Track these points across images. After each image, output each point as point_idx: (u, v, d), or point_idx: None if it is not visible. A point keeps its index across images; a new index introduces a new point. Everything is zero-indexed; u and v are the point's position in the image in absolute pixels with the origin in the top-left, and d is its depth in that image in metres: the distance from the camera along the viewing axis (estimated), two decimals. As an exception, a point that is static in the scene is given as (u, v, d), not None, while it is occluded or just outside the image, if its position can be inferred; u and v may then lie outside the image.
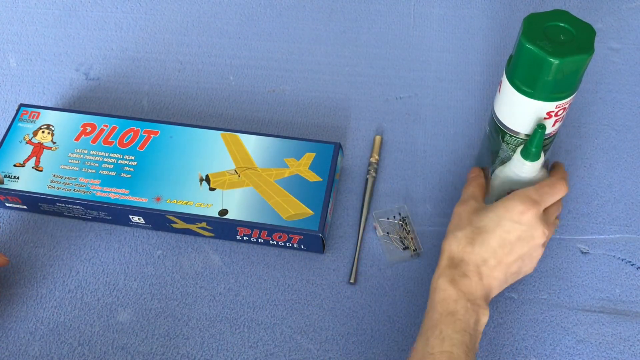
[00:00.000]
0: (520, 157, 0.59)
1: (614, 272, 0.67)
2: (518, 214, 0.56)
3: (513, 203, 0.56)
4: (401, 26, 0.88)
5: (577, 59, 0.52)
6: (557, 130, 0.61)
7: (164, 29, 0.88)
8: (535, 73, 0.54)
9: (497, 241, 0.56)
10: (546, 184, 0.58)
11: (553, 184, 0.58)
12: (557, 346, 0.63)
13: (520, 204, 0.56)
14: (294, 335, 0.64)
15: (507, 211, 0.56)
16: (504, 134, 0.61)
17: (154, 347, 0.64)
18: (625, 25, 0.87)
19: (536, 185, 0.58)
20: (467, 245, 0.57)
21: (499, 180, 0.63)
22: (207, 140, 0.71)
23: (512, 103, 0.58)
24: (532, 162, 0.59)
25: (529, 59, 0.54)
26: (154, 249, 0.70)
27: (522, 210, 0.56)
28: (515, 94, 0.57)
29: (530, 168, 0.60)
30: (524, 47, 0.54)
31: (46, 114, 0.74)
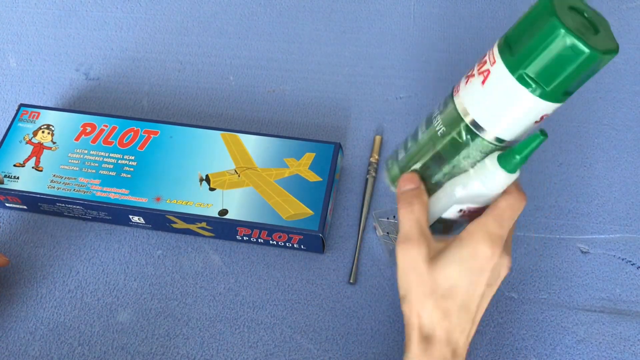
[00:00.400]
0: (499, 167, 0.46)
1: (614, 271, 0.67)
2: (486, 260, 0.46)
3: (479, 247, 0.46)
4: (401, 26, 0.88)
5: (612, 55, 0.41)
6: None
7: (164, 29, 0.88)
8: (562, 66, 0.41)
9: (473, 303, 0.47)
10: (506, 206, 0.47)
11: (512, 205, 0.47)
12: (557, 346, 0.63)
13: (487, 248, 0.45)
14: (294, 335, 0.64)
15: (474, 259, 0.46)
16: (473, 137, 0.46)
17: (154, 347, 0.64)
18: (625, 25, 0.87)
19: (494, 213, 0.46)
20: (442, 319, 0.47)
21: (458, 194, 0.48)
22: (207, 140, 0.71)
23: (507, 100, 0.44)
24: (511, 174, 0.46)
25: (557, 49, 0.41)
26: (154, 249, 0.70)
27: (489, 255, 0.46)
28: (518, 90, 0.43)
29: (507, 181, 0.46)
30: (555, 31, 0.40)
31: (46, 114, 0.74)
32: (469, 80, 0.46)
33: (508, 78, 0.43)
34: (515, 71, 0.43)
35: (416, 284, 0.47)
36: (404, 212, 0.49)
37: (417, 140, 0.50)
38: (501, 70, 0.43)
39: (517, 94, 0.43)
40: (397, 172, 0.52)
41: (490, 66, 0.44)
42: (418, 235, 0.47)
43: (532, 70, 0.42)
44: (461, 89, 0.46)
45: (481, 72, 0.45)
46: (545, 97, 0.43)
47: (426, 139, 0.49)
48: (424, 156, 0.49)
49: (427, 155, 0.49)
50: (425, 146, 0.49)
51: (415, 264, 0.47)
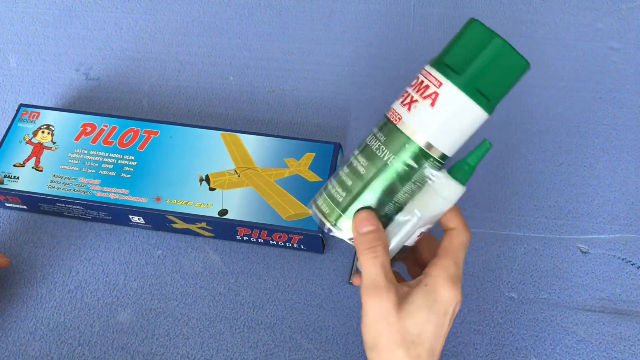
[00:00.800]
0: (451, 178, 0.48)
1: (614, 271, 0.67)
2: (450, 303, 0.47)
3: (444, 292, 0.46)
4: (401, 26, 0.88)
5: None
6: None
7: (164, 29, 0.88)
8: (507, 78, 0.47)
9: (440, 346, 0.47)
10: (458, 245, 0.48)
11: (464, 243, 0.49)
12: (557, 346, 0.63)
13: (450, 291, 0.46)
14: (294, 335, 0.64)
15: (440, 303, 0.46)
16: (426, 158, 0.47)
17: (154, 347, 0.64)
18: (625, 25, 0.87)
19: (452, 255, 0.48)
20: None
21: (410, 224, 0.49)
22: (207, 140, 0.71)
23: (459, 117, 0.46)
24: (463, 186, 0.48)
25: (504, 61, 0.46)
26: (154, 249, 0.70)
27: (453, 297, 0.47)
28: (470, 105, 0.46)
29: (459, 193, 0.48)
30: (502, 46, 0.45)
31: (46, 114, 0.74)
32: (413, 105, 0.47)
33: (460, 95, 0.46)
34: (467, 88, 0.46)
35: (387, 333, 0.46)
36: (368, 257, 0.47)
37: (361, 176, 0.48)
38: (451, 89, 0.46)
39: (469, 109, 0.46)
40: (340, 212, 0.49)
41: (437, 88, 0.46)
42: (386, 282, 0.46)
43: (483, 85, 0.46)
44: (404, 115, 0.47)
45: (426, 95, 0.47)
46: (489, 109, 0.47)
47: (374, 172, 0.48)
48: (373, 190, 0.48)
49: (378, 188, 0.48)
50: (374, 179, 0.48)
51: (386, 312, 0.46)
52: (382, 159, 0.48)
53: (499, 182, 0.74)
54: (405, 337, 0.46)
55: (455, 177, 0.48)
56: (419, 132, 0.47)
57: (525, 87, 0.81)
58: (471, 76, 0.46)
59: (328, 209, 0.50)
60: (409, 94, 0.48)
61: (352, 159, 0.50)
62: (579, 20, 0.88)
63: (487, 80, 0.46)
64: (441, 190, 0.48)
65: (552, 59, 0.84)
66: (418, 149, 0.47)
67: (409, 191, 0.48)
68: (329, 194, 0.50)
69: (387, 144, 0.48)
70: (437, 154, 0.47)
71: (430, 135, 0.47)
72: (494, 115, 0.82)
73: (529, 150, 0.76)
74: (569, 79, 0.82)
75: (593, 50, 0.85)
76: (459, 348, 0.63)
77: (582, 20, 0.88)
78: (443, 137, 0.47)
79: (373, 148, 0.49)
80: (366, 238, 0.47)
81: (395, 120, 0.48)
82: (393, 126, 0.48)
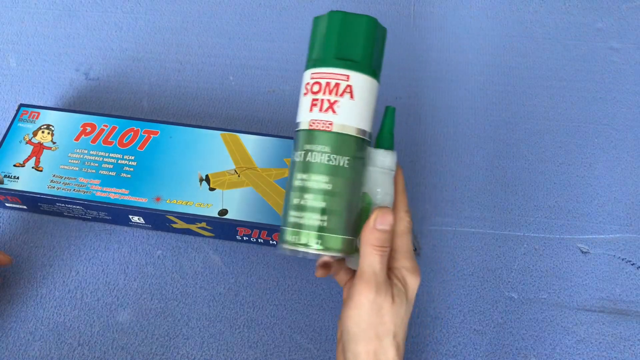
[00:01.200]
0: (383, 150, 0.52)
1: (614, 271, 0.67)
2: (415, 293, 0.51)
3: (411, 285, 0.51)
4: (401, 26, 0.88)
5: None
6: None
7: (164, 29, 0.88)
8: (381, 48, 0.53)
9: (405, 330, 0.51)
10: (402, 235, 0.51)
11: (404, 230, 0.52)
12: (557, 346, 0.63)
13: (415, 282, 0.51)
14: (294, 335, 0.64)
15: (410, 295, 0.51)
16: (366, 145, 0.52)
17: (153, 347, 0.64)
18: (625, 25, 0.87)
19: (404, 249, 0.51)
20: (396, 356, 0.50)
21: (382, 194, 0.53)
22: (207, 140, 0.71)
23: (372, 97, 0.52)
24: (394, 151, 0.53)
25: (376, 34, 0.52)
26: (154, 249, 0.70)
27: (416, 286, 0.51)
28: (372, 83, 0.52)
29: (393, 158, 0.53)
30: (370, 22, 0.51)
31: (46, 114, 0.74)
32: (335, 106, 0.50)
33: (364, 78, 0.51)
34: (366, 69, 0.51)
35: (378, 325, 0.49)
36: (376, 253, 0.49)
37: (331, 192, 0.50)
38: (357, 76, 0.51)
39: (371, 85, 0.51)
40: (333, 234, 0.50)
41: (347, 81, 0.51)
42: (386, 279, 0.49)
43: (372, 61, 0.51)
44: (332, 118, 0.50)
45: (342, 92, 0.50)
46: (379, 78, 0.53)
47: (340, 183, 0.50)
48: (347, 196, 0.50)
49: (349, 193, 0.50)
50: (343, 190, 0.50)
51: (380, 306, 0.49)
52: (339, 166, 0.50)
53: (499, 182, 0.74)
54: (391, 329, 0.49)
55: (384, 147, 0.53)
56: (351, 125, 0.50)
57: (525, 87, 0.82)
58: (364, 58, 0.51)
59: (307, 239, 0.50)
60: (322, 100, 0.51)
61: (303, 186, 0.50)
62: (579, 20, 0.88)
63: (373, 57, 0.51)
64: (381, 163, 0.52)
65: (552, 59, 0.84)
66: (359, 139, 0.51)
67: (369, 176, 0.52)
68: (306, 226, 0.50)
69: (336, 151, 0.50)
70: (367, 135, 0.51)
71: (359, 122, 0.51)
72: (494, 115, 0.82)
73: (529, 150, 0.76)
74: (569, 79, 0.82)
75: (593, 50, 0.85)
76: (458, 348, 0.63)
77: (582, 20, 0.88)
78: (366, 119, 0.51)
79: (323, 162, 0.50)
80: (381, 235, 0.49)
81: (326, 127, 0.50)
82: (329, 133, 0.50)
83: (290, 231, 0.50)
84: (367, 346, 0.49)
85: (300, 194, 0.50)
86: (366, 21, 0.51)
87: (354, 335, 0.49)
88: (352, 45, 0.51)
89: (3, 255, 0.65)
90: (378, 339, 0.49)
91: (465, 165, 0.75)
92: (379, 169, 0.52)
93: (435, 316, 0.65)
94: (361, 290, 0.48)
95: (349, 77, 0.50)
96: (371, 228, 0.49)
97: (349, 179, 0.50)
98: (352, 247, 0.51)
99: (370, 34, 0.51)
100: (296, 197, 0.51)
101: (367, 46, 0.51)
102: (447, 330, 0.64)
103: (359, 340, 0.49)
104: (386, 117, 0.54)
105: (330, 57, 0.51)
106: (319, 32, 0.52)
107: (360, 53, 0.51)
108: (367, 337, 0.49)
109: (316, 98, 0.51)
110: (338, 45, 0.51)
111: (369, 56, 0.51)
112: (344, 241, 0.50)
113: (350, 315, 0.49)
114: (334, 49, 0.51)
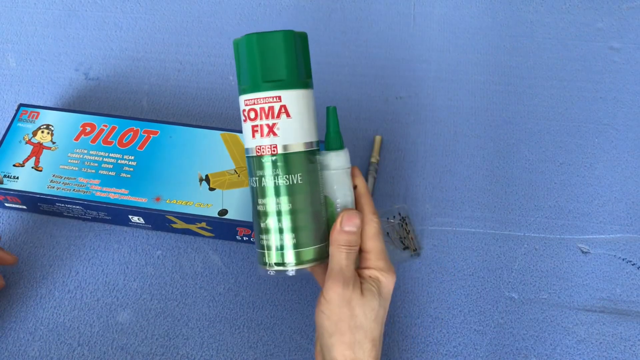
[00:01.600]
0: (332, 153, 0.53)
1: (615, 271, 0.67)
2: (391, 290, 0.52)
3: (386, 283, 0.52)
4: (401, 26, 0.88)
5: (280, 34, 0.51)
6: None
7: (164, 29, 0.88)
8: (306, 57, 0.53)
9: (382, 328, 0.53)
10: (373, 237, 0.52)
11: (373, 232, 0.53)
12: (557, 346, 0.63)
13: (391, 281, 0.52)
14: (294, 336, 0.64)
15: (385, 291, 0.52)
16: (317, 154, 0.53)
17: (153, 347, 0.64)
18: (625, 25, 0.87)
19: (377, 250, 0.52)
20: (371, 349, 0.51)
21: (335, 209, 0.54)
22: (207, 140, 0.71)
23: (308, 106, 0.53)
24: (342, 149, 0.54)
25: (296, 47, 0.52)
26: (154, 249, 0.70)
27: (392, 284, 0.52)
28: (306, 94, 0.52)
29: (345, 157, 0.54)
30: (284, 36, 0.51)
31: (46, 114, 0.73)
32: (275, 129, 0.51)
33: (300, 93, 0.52)
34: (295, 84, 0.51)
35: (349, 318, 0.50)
36: (343, 251, 0.51)
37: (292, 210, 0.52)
38: (288, 94, 0.51)
39: (306, 96, 0.52)
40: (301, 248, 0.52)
41: (280, 102, 0.51)
42: (354, 274, 0.51)
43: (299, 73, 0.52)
44: (276, 141, 0.51)
45: (277, 114, 0.51)
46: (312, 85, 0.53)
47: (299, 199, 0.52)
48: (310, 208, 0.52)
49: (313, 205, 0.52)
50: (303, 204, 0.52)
51: (349, 299, 0.50)
52: (299, 184, 0.52)
53: (499, 182, 0.74)
54: (363, 322, 0.50)
55: (334, 148, 0.54)
56: (297, 142, 0.52)
57: (525, 87, 0.82)
58: (290, 75, 0.51)
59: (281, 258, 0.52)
60: (261, 126, 0.52)
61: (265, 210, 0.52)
62: (579, 20, 0.88)
63: (299, 69, 0.51)
64: (335, 165, 0.53)
65: (552, 59, 0.84)
66: (306, 153, 0.52)
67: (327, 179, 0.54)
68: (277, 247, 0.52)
69: (287, 171, 0.52)
70: (315, 144, 0.53)
71: (302, 137, 0.52)
72: (494, 115, 0.82)
73: (529, 150, 0.76)
74: (569, 79, 0.82)
75: (593, 50, 0.85)
76: (459, 348, 0.63)
77: (582, 20, 0.88)
78: (309, 130, 0.52)
79: (283, 184, 0.51)
80: (348, 236, 0.51)
81: (273, 151, 0.52)
82: (276, 156, 0.52)
83: (263, 253, 0.53)
84: (342, 338, 0.50)
85: (264, 217, 0.52)
86: (282, 37, 0.51)
87: (327, 330, 0.50)
88: (276, 65, 0.51)
89: (8, 254, 0.65)
90: (351, 332, 0.50)
91: (465, 165, 0.75)
92: (334, 171, 0.53)
93: (436, 316, 0.65)
94: (330, 286, 0.50)
95: (280, 98, 0.51)
96: (338, 230, 0.51)
97: (306, 193, 0.52)
98: (326, 251, 0.52)
99: (290, 49, 0.51)
100: (262, 221, 0.52)
101: (290, 61, 0.51)
102: (447, 331, 0.64)
103: (333, 333, 0.50)
104: (329, 118, 0.54)
105: (258, 82, 0.51)
106: (241, 56, 0.52)
107: (285, 71, 0.51)
108: (339, 330, 0.50)
109: (255, 124, 0.52)
110: (262, 68, 0.51)
111: (294, 70, 0.51)
112: (317, 250, 0.52)
113: (322, 310, 0.51)
114: (260, 73, 0.51)
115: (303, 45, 0.53)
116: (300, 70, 0.52)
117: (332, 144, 0.54)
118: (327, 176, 0.53)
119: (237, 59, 0.53)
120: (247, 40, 0.51)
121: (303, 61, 0.53)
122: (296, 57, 0.52)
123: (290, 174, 0.51)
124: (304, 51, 0.53)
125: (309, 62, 0.53)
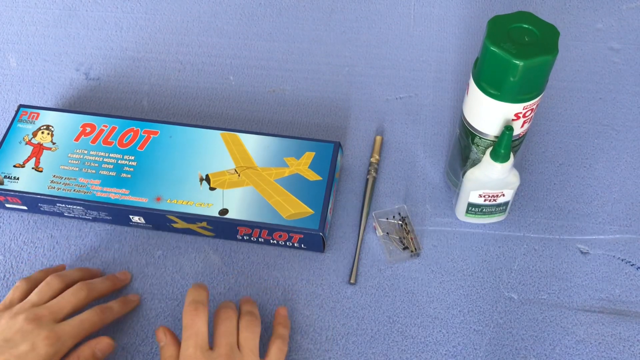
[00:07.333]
0: (490, 159, 0.60)
1: (614, 272, 0.67)
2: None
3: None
4: (401, 26, 0.88)
5: (541, 60, 0.53)
6: (527, 130, 0.62)
7: (164, 29, 0.88)
8: (501, 75, 0.55)
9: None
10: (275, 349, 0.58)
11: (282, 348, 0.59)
12: (557, 346, 0.63)
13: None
14: (294, 336, 0.64)
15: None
16: (473, 136, 0.62)
17: (154, 347, 0.64)
18: (625, 25, 0.87)
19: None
20: None
21: (470, 182, 0.63)
22: (207, 140, 0.71)
23: (479, 105, 0.59)
24: (501, 163, 0.59)
25: (493, 62, 0.54)
26: (154, 249, 0.70)
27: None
28: (483, 96, 0.57)
29: (500, 169, 0.60)
30: (488, 49, 0.54)
31: (46, 114, 0.74)
32: (467, 90, 0.60)
33: (475, 89, 0.58)
34: (478, 83, 0.58)
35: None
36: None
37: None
38: (472, 83, 0.59)
39: (483, 100, 0.58)
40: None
41: (469, 80, 0.60)
42: None
43: (485, 80, 0.57)
44: (464, 97, 0.61)
45: (467, 84, 0.61)
46: (502, 99, 0.57)
47: (455, 142, 0.67)
48: (457, 155, 0.67)
49: (458, 154, 0.67)
50: (455, 147, 0.67)
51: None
52: (457, 130, 0.66)
53: (498, 182, 0.74)
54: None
55: (493, 158, 0.60)
56: (465, 111, 0.63)
57: (525, 87, 0.81)
58: (478, 71, 0.58)
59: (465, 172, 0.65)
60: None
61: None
62: (579, 20, 0.88)
63: (487, 75, 0.57)
64: (483, 168, 0.62)
65: (552, 59, 0.84)
66: (464, 126, 0.63)
67: (477, 159, 0.65)
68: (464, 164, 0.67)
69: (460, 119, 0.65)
70: (482, 134, 0.62)
71: (470, 116, 0.62)
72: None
73: (529, 150, 0.76)
74: (569, 79, 0.82)
75: (593, 50, 0.85)
76: (458, 348, 0.63)
77: (582, 20, 0.88)
78: (479, 120, 0.61)
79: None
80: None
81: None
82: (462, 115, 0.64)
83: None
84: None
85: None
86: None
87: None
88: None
89: (123, 274, 0.67)
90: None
91: (465, 165, 0.75)
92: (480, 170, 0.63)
93: (435, 316, 0.65)
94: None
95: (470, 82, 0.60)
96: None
97: (456, 143, 0.68)
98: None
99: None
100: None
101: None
102: (447, 331, 0.64)
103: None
104: (499, 136, 0.58)
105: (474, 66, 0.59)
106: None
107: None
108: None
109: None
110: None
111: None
112: None
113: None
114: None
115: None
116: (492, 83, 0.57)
117: (497, 156, 0.59)
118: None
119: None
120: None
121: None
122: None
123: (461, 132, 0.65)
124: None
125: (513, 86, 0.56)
